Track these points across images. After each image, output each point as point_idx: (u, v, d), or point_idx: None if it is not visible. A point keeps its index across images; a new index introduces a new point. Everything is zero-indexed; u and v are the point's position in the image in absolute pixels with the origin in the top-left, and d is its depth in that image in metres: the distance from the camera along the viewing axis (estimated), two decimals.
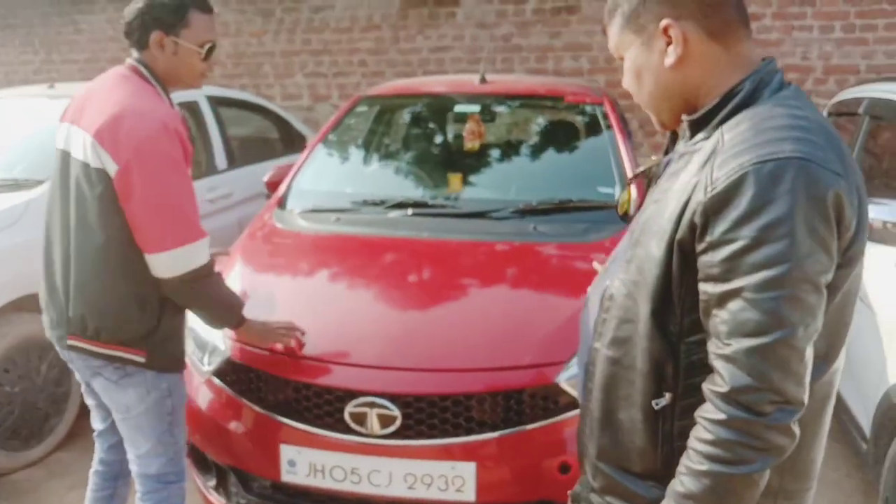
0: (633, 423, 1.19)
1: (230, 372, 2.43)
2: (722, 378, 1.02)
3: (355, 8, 6.80)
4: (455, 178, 3.39)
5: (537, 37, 6.42)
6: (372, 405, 2.19)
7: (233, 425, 2.41)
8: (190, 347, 2.63)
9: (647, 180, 1.40)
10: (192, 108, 4.69)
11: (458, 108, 3.72)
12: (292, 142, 5.76)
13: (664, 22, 1.14)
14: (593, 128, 3.58)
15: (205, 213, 4.41)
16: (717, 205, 1.02)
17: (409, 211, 3.01)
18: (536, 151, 3.60)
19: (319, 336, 2.33)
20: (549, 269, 2.68)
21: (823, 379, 1.14)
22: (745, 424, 1.01)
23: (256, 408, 2.35)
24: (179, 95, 4.59)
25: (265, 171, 5.15)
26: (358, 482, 2.25)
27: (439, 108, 3.86)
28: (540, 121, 3.78)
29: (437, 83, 4.14)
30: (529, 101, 3.82)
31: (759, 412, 1.00)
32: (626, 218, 1.87)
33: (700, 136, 1.15)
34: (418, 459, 2.20)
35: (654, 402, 1.15)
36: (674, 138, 1.31)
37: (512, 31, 6.47)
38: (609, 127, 3.50)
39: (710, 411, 1.04)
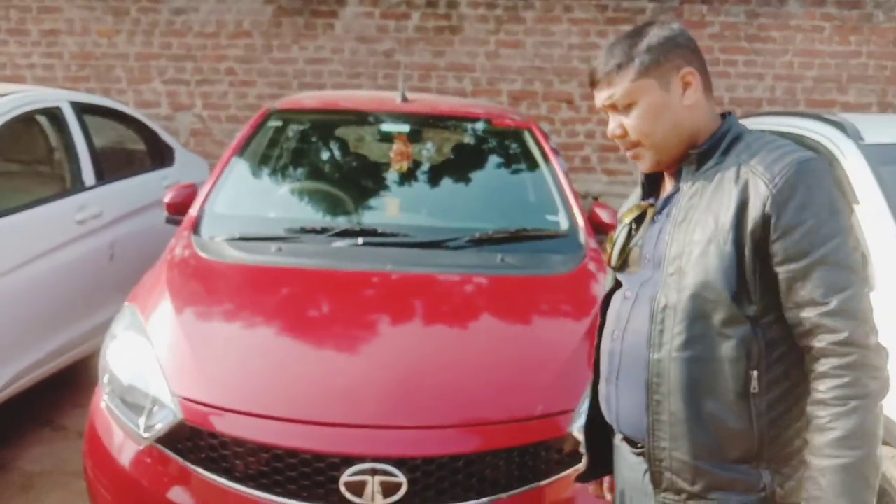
0: (725, 411, 1.31)
1: (182, 438, 2.02)
2: (835, 329, 1.24)
3: (222, 13, 6.28)
4: (393, 203, 3.15)
5: (420, 55, 6.27)
6: (373, 472, 1.90)
7: (185, 503, 2.00)
8: (112, 403, 2.18)
9: (632, 221, 1.52)
10: (53, 114, 4.04)
11: (385, 128, 3.46)
12: (161, 154, 5.18)
13: (686, 69, 1.39)
14: (526, 152, 3.48)
15: (73, 236, 3.84)
16: (783, 196, 1.26)
17: (360, 240, 2.72)
18: (473, 176, 3.43)
19: (302, 392, 2.00)
20: (534, 308, 2.52)
21: None
22: (866, 358, 1.24)
23: (221, 481, 1.96)
24: (39, 100, 3.96)
25: (137, 187, 4.64)
26: None
27: (363, 126, 3.58)
28: (470, 144, 3.63)
29: (353, 99, 3.86)
30: (456, 122, 3.65)
31: (869, 345, 1.25)
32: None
33: (710, 163, 1.38)
34: None
35: (752, 379, 1.29)
36: (650, 187, 1.51)
37: (394, 46, 6.28)
38: (542, 152, 3.42)
39: (836, 360, 1.24)
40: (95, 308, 4.05)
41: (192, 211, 3.00)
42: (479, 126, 3.63)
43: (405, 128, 3.40)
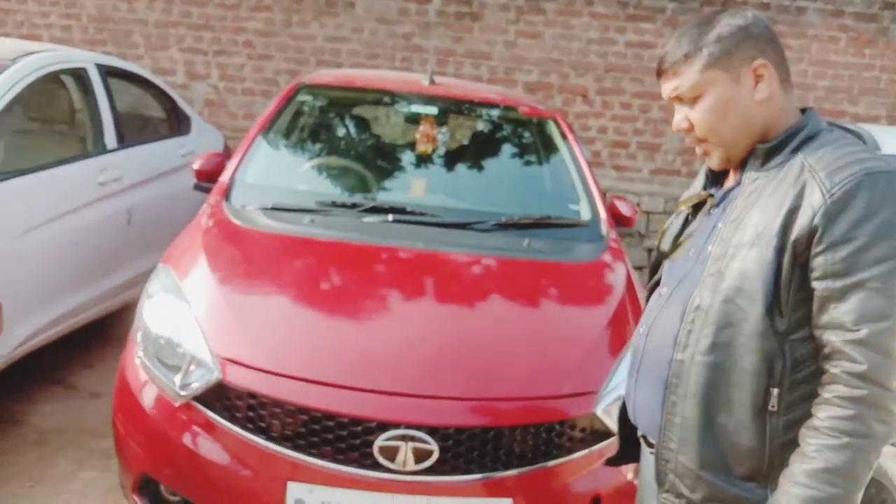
0: (738, 425, 1.26)
1: (220, 397, 2.07)
2: (855, 360, 1.15)
3: None
4: (419, 184, 3.19)
5: (440, 39, 6.30)
6: (406, 438, 1.96)
7: (220, 459, 2.05)
8: (147, 360, 2.23)
9: (689, 211, 1.48)
10: (79, 75, 4.06)
11: (414, 109, 3.50)
12: (178, 122, 5.19)
13: (758, 61, 1.30)
14: (551, 142, 3.53)
15: (93, 198, 3.87)
16: (838, 207, 1.17)
17: (390, 217, 2.77)
18: (498, 162, 3.48)
19: (341, 358, 2.06)
20: (560, 292, 2.58)
21: None
22: (879, 399, 1.15)
23: (258, 440, 2.02)
24: (65, 60, 3.97)
25: (155, 154, 4.66)
26: None
27: (391, 106, 3.62)
28: (495, 130, 3.67)
29: (381, 79, 3.89)
30: (482, 108, 3.69)
31: (887, 386, 1.15)
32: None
33: (776, 160, 1.29)
34: (451, 497, 2.00)
35: (772, 396, 1.23)
36: (714, 176, 1.45)
37: (414, 30, 6.29)
38: (567, 142, 3.47)
39: (845, 390, 1.16)
40: (111, 271, 4.08)
41: (224, 178, 3.04)
42: (505, 113, 3.68)
43: (433, 110, 3.44)
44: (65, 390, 3.78)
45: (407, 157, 3.46)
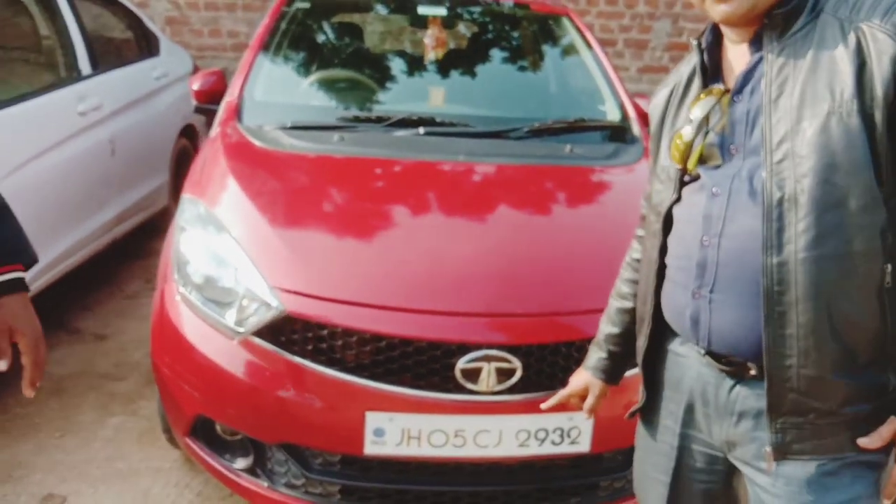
0: (859, 313, 1.16)
1: (285, 330, 1.95)
2: None
3: None
4: (438, 93, 3.02)
5: None
6: (488, 359, 1.89)
7: (290, 395, 1.95)
8: (192, 297, 2.09)
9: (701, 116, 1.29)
10: None
11: (421, 11, 3.28)
12: (148, 43, 4.84)
13: None
14: (568, 40, 3.36)
15: (76, 129, 3.59)
16: None
17: (420, 130, 2.61)
18: (519, 64, 3.31)
19: (411, 282, 1.94)
20: (614, 198, 2.49)
21: None
22: None
23: (332, 372, 1.91)
24: None
25: (131, 78, 4.34)
26: (462, 445, 1.95)
27: (395, 9, 3.38)
28: (509, 30, 3.47)
29: None
30: (494, 7, 3.48)
31: None
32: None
33: (797, 25, 1.17)
34: (534, 414, 1.94)
35: (886, 273, 1.14)
36: (712, 65, 1.30)
37: None
38: (584, 40, 3.30)
39: None
40: (101, 205, 3.85)
41: (231, 98, 2.82)
42: (517, 11, 3.47)
43: (441, 11, 3.22)
44: (69, 335, 3.62)
45: (419, 65, 3.26)
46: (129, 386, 3.21)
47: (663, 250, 1.35)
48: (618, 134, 2.86)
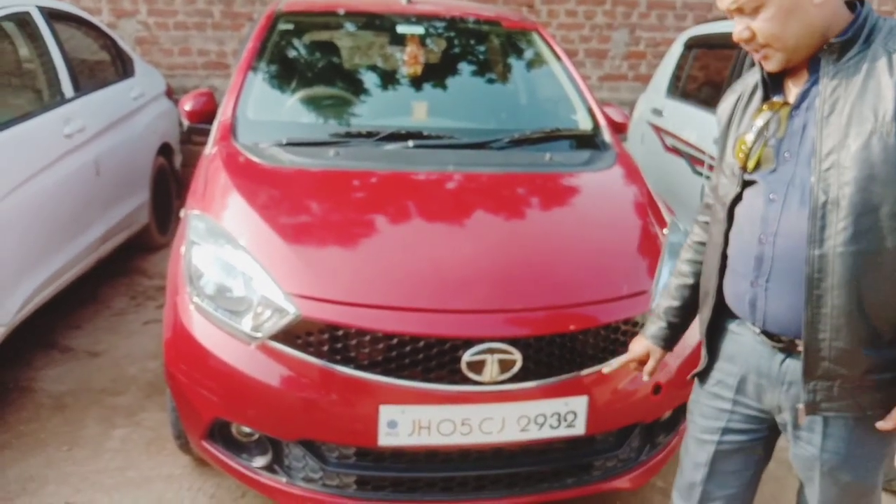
0: (883, 298, 1.36)
1: (300, 334, 2.10)
2: None
3: None
4: (420, 107, 3.19)
5: None
6: (491, 351, 2.06)
7: (307, 394, 2.10)
8: (207, 306, 2.21)
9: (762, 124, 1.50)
10: (22, 20, 3.77)
11: (400, 30, 3.45)
12: (123, 64, 4.92)
13: None
14: (539, 54, 3.56)
15: (62, 152, 3.66)
16: None
17: (410, 143, 2.78)
18: (494, 78, 3.50)
19: (418, 283, 2.10)
20: (594, 199, 2.68)
21: None
22: None
23: (347, 370, 2.06)
24: (6, 5, 3.67)
25: (111, 99, 4.42)
26: (468, 433, 2.11)
27: (376, 29, 3.55)
28: (483, 46, 3.66)
29: (358, 1, 3.78)
30: (467, 24, 3.66)
31: None
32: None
33: (852, 52, 1.36)
34: (534, 400, 2.12)
35: None
36: (773, 80, 1.48)
37: None
38: (554, 53, 3.51)
39: None
40: (88, 225, 3.93)
41: (225, 118, 2.94)
42: (489, 28, 3.67)
43: (419, 30, 3.40)
44: (62, 353, 3.68)
45: (400, 81, 3.43)
46: (129, 399, 3.29)
47: (727, 235, 1.56)
48: (590, 141, 3.06)
